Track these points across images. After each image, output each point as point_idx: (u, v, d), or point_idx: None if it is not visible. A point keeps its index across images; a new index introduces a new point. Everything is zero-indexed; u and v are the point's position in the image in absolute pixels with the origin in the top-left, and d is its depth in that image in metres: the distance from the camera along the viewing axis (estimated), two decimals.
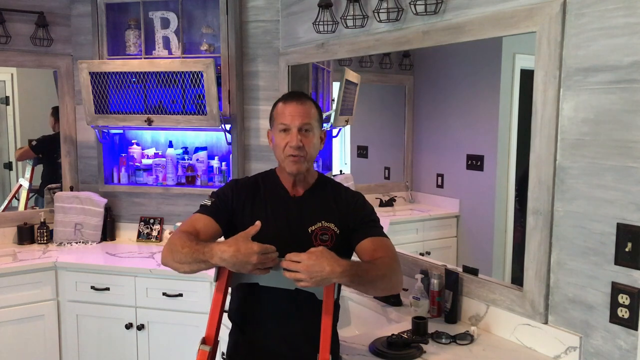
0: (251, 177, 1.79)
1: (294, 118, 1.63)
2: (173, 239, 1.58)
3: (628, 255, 1.50)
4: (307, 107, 1.66)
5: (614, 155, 1.54)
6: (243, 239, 1.45)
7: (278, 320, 1.65)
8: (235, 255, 1.43)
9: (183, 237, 1.55)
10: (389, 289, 1.66)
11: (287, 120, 1.63)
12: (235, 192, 1.71)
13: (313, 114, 1.67)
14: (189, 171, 3.27)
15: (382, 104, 3.21)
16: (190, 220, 1.66)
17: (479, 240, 2.54)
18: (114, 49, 3.23)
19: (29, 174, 3.57)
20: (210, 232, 1.64)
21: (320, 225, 1.67)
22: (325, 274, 1.42)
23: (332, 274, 1.43)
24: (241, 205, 1.69)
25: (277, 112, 1.68)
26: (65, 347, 2.97)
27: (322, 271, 1.42)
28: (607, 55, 1.54)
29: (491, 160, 2.40)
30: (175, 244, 1.54)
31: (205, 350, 1.53)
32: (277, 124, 1.66)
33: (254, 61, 3.16)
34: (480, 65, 2.42)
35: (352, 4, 2.36)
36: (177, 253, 1.53)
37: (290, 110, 1.64)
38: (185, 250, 1.51)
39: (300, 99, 1.68)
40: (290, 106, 1.65)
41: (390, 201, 3.01)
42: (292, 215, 1.68)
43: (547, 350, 1.75)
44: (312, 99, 1.74)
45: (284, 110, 1.65)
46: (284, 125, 1.64)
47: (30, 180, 3.56)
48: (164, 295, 2.78)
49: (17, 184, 3.57)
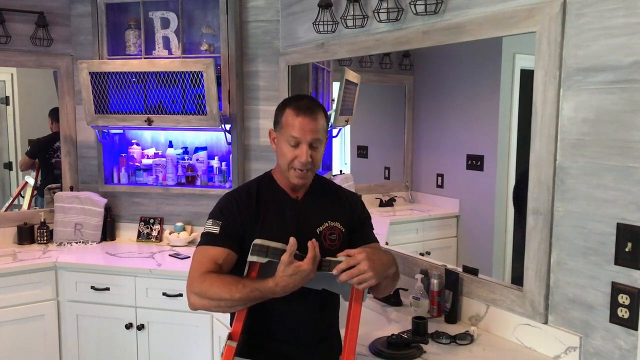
0: (244, 188, 1.70)
1: (306, 134, 1.56)
2: (205, 286, 1.50)
3: (628, 255, 1.50)
4: (319, 121, 1.59)
5: (614, 155, 1.54)
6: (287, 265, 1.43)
7: (289, 322, 1.63)
8: (295, 283, 1.44)
9: (220, 282, 1.49)
10: (390, 290, 1.73)
11: (299, 134, 1.56)
12: (241, 212, 1.61)
13: (322, 126, 1.60)
14: (189, 171, 3.26)
15: (382, 104, 3.21)
16: (206, 256, 1.57)
17: (479, 240, 2.54)
18: (114, 49, 3.23)
19: (35, 171, 3.58)
20: (231, 264, 1.58)
21: (327, 225, 1.65)
22: (386, 261, 1.47)
23: (390, 262, 1.50)
24: (249, 222, 1.61)
25: (287, 122, 1.58)
26: (65, 347, 2.97)
27: (383, 263, 1.46)
28: (607, 55, 1.54)
29: (491, 160, 2.40)
30: (216, 292, 1.48)
31: (232, 345, 1.51)
32: (287, 135, 1.58)
33: (254, 61, 3.16)
34: (480, 65, 2.42)
35: (352, 4, 2.36)
36: (226, 301, 1.48)
37: (303, 125, 1.56)
38: (238, 296, 1.46)
39: (314, 112, 1.58)
40: (304, 120, 1.56)
41: (390, 201, 3.01)
42: (297, 219, 1.64)
43: (547, 350, 1.75)
44: (322, 107, 1.65)
45: (295, 122, 1.56)
46: (295, 139, 1.57)
47: (35, 177, 3.58)
48: (164, 295, 2.78)
49: (23, 181, 3.58)
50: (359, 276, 1.42)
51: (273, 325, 1.63)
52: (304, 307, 1.61)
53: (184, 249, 3.17)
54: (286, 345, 1.63)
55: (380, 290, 1.65)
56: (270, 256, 1.45)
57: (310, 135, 1.56)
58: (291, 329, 1.62)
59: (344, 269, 1.43)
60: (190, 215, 3.35)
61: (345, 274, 1.43)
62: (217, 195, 1.74)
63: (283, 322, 1.62)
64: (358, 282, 1.43)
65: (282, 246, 1.46)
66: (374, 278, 1.42)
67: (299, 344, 1.63)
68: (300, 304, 1.59)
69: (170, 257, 3.01)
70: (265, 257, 1.46)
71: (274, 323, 1.62)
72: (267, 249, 1.46)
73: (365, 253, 1.44)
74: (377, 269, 1.43)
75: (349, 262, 1.43)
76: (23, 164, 3.60)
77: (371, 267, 1.42)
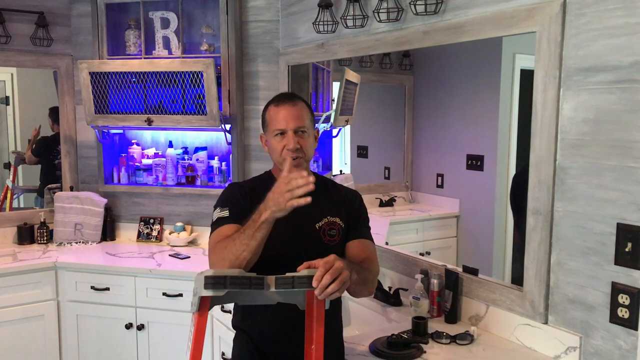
0: (246, 182, 1.76)
1: (289, 121, 1.60)
2: (217, 248, 1.52)
3: (628, 255, 1.50)
4: (300, 108, 1.63)
5: (614, 155, 1.54)
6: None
7: (285, 326, 1.63)
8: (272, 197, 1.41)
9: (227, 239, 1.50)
10: (366, 294, 1.69)
11: (282, 124, 1.61)
12: (244, 195, 1.66)
13: (306, 115, 1.65)
14: (189, 171, 3.27)
15: (382, 104, 3.21)
16: (220, 234, 1.58)
17: (479, 240, 2.54)
18: (114, 49, 3.23)
19: (11, 174, 3.55)
20: None
21: (326, 221, 1.66)
22: (346, 275, 1.36)
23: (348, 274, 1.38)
24: (249, 204, 1.63)
25: (270, 117, 1.65)
26: (65, 347, 2.97)
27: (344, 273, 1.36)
28: (607, 55, 1.54)
29: (491, 160, 2.40)
30: (224, 247, 1.50)
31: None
32: (272, 130, 1.63)
33: (254, 61, 3.16)
34: (480, 65, 2.41)
35: (352, 4, 2.36)
36: (231, 248, 1.47)
37: (283, 114, 1.61)
38: (237, 238, 1.47)
39: (292, 100, 1.65)
40: (283, 109, 1.62)
41: (390, 201, 3.00)
42: (297, 214, 1.62)
43: (547, 350, 1.75)
44: (302, 98, 1.71)
45: (277, 115, 1.62)
46: (279, 130, 1.61)
47: (12, 179, 3.54)
48: (164, 295, 2.78)
49: (5, 185, 3.55)
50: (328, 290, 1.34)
51: (267, 328, 1.64)
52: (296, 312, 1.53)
53: (184, 249, 3.17)
54: (277, 345, 1.64)
55: (352, 292, 1.62)
56: (230, 287, 1.33)
57: (292, 122, 1.60)
58: (285, 332, 1.62)
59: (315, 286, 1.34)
60: (190, 215, 3.35)
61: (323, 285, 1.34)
62: (217, 196, 1.74)
63: (276, 324, 1.63)
64: (328, 295, 1.35)
65: (240, 272, 1.35)
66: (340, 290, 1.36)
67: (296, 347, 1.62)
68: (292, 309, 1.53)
69: (170, 257, 3.01)
70: (223, 288, 1.33)
71: (269, 325, 1.64)
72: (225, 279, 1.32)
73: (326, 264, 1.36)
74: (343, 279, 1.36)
75: (324, 280, 1.33)
76: (29, 158, 3.57)
77: (341, 280, 1.35)
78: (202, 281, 1.32)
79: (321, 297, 1.35)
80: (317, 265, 1.36)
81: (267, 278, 1.34)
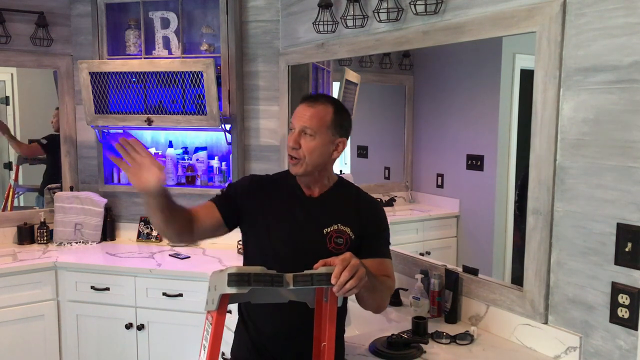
0: (271, 175, 1.77)
1: (299, 119, 1.59)
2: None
3: (628, 255, 1.50)
4: (316, 110, 1.58)
5: (614, 155, 1.54)
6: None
7: (285, 325, 1.62)
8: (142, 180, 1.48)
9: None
10: (376, 308, 1.66)
11: (293, 122, 1.62)
12: (248, 185, 1.71)
13: (322, 118, 1.58)
14: (189, 171, 3.26)
15: (382, 104, 3.21)
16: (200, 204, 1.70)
17: (479, 240, 2.54)
18: (114, 49, 3.23)
19: (14, 173, 3.55)
20: (208, 215, 1.65)
21: (336, 228, 1.62)
22: (363, 272, 1.35)
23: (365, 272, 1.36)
24: (251, 198, 1.66)
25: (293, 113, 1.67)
26: (65, 347, 2.97)
27: (360, 270, 1.35)
28: (607, 55, 1.54)
29: (491, 160, 2.40)
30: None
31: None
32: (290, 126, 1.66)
33: (254, 61, 3.16)
34: (480, 65, 2.42)
35: (352, 4, 2.36)
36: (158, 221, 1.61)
37: (298, 112, 1.61)
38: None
39: (313, 100, 1.61)
40: (301, 107, 1.61)
41: (390, 201, 3.00)
42: (306, 215, 1.64)
43: (547, 350, 1.75)
44: (332, 102, 1.64)
45: (295, 112, 1.63)
46: (291, 125, 1.63)
47: (15, 178, 3.53)
48: (164, 295, 2.78)
49: (8, 185, 3.54)
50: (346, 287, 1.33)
51: (265, 328, 1.64)
52: (297, 312, 1.53)
53: (184, 249, 3.16)
54: (273, 343, 1.64)
55: (363, 300, 1.59)
56: (254, 284, 1.31)
57: (301, 121, 1.59)
58: (284, 332, 1.62)
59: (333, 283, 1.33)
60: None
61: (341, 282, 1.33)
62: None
63: (276, 322, 1.62)
64: (346, 292, 1.34)
65: (262, 269, 1.33)
66: (358, 286, 1.35)
67: (296, 345, 1.62)
68: (294, 309, 1.51)
69: (170, 257, 3.01)
70: (247, 286, 1.31)
71: (267, 325, 1.64)
72: (249, 276, 1.31)
73: (343, 261, 1.35)
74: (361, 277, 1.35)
75: (342, 277, 1.32)
76: (32, 150, 3.54)
77: (358, 277, 1.34)
78: (225, 278, 1.30)
79: (339, 294, 1.35)
80: (333, 262, 1.35)
81: (286, 276, 1.34)
